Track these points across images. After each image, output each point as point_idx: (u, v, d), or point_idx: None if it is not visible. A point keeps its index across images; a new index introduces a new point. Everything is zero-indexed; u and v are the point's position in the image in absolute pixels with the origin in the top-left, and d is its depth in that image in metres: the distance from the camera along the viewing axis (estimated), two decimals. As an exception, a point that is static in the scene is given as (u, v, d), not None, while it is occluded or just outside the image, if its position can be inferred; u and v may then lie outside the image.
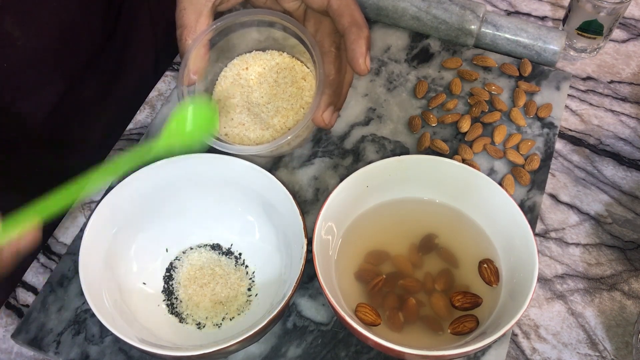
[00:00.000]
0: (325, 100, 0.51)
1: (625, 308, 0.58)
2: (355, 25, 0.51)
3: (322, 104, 0.51)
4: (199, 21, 0.52)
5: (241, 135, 0.56)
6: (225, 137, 0.56)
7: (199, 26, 0.52)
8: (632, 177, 0.67)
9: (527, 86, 0.71)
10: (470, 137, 0.67)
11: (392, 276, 0.55)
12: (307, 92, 0.57)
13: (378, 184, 0.57)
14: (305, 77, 0.57)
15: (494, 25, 0.73)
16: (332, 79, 0.52)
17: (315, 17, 0.55)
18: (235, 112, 0.57)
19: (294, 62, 0.58)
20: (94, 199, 0.65)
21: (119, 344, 0.55)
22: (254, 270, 0.58)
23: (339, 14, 0.51)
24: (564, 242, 0.62)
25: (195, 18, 0.52)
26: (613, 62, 0.76)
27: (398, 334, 0.52)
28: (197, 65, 0.53)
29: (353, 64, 0.51)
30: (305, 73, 0.57)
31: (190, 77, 0.53)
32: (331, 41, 0.53)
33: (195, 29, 0.52)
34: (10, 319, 0.58)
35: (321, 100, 0.51)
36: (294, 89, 0.56)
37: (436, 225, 0.57)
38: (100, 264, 0.53)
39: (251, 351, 0.55)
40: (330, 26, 0.53)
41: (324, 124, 0.52)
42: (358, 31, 0.50)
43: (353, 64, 0.51)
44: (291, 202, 0.53)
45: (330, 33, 0.53)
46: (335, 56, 0.53)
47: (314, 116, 0.52)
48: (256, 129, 0.56)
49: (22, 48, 0.59)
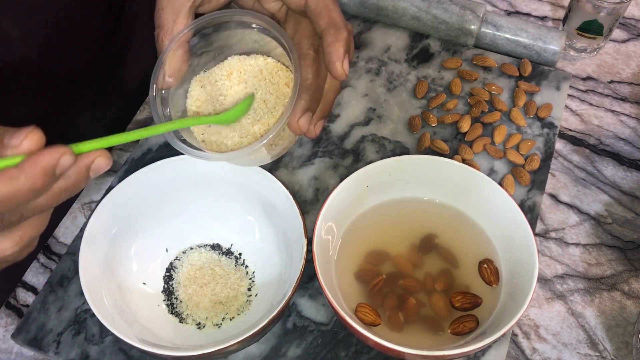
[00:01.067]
0: (302, 105, 0.48)
1: (625, 308, 0.58)
2: (334, 26, 0.47)
3: (297, 110, 0.47)
4: (177, 21, 0.50)
5: (218, 143, 0.52)
6: (203, 144, 0.53)
7: (177, 27, 0.50)
8: (632, 177, 0.67)
9: (527, 86, 0.71)
10: (470, 137, 0.67)
11: (392, 276, 0.55)
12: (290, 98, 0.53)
13: (378, 184, 0.57)
14: (289, 83, 0.53)
15: (494, 25, 0.73)
16: (309, 83, 0.48)
17: (295, 18, 0.52)
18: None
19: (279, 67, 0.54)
20: (93, 199, 0.65)
21: (119, 344, 0.55)
22: (254, 270, 0.58)
23: (317, 15, 0.48)
24: (564, 242, 0.62)
25: (172, 18, 0.50)
26: (613, 62, 0.76)
27: (398, 334, 0.52)
28: (173, 67, 0.50)
29: (330, 67, 0.47)
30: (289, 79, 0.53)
31: (165, 79, 0.51)
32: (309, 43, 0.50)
33: (172, 29, 0.50)
34: (10, 319, 0.58)
35: (297, 105, 0.48)
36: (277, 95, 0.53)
37: (436, 225, 0.57)
38: (100, 264, 0.53)
39: (251, 351, 0.55)
40: (309, 28, 0.51)
41: (301, 131, 0.48)
42: (336, 33, 0.47)
43: (330, 67, 0.47)
44: (291, 202, 0.53)
45: (309, 35, 0.50)
46: (313, 59, 0.49)
47: (289, 122, 0.48)
48: (234, 136, 0.52)
49: (21, 48, 0.59)
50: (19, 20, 0.57)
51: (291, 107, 0.48)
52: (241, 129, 0.52)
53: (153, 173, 0.56)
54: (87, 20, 0.66)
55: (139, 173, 0.55)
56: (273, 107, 0.52)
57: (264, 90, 0.53)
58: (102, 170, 0.40)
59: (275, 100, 0.52)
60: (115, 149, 0.68)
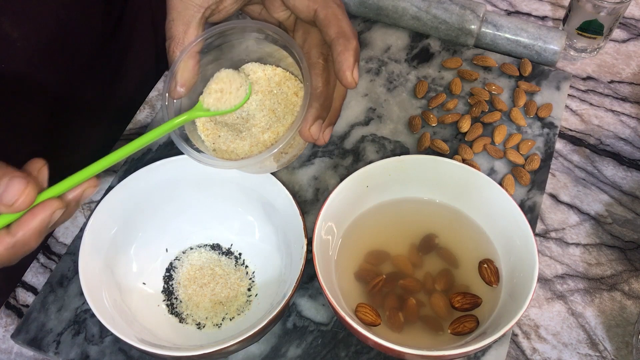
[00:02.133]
0: (313, 114, 0.49)
1: (626, 308, 0.58)
2: (343, 36, 0.48)
3: (309, 118, 0.49)
4: (188, 32, 0.51)
5: (229, 151, 0.53)
6: (214, 153, 0.54)
7: (187, 37, 0.51)
8: (632, 177, 0.67)
9: (527, 86, 0.71)
10: (470, 137, 0.67)
11: (392, 276, 0.55)
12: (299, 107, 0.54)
13: (378, 184, 0.57)
14: (298, 92, 0.54)
15: (494, 25, 0.73)
16: (319, 91, 0.50)
17: (304, 27, 0.53)
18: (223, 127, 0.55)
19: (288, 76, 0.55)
20: (93, 199, 0.65)
21: (118, 344, 0.55)
22: (254, 270, 0.58)
23: (326, 25, 0.49)
24: (564, 242, 0.62)
25: (183, 29, 0.51)
26: (613, 62, 0.76)
27: (398, 334, 0.52)
28: (184, 77, 0.51)
29: (340, 76, 0.49)
30: (297, 88, 0.54)
31: (177, 90, 0.51)
32: (319, 53, 0.51)
33: (183, 40, 0.51)
34: (10, 319, 0.58)
35: (308, 113, 0.49)
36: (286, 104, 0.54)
37: (436, 225, 0.57)
38: (100, 264, 0.53)
39: (251, 351, 0.55)
40: (318, 37, 0.52)
41: (312, 138, 0.49)
42: (345, 42, 0.48)
43: (340, 76, 0.49)
44: (291, 202, 0.53)
45: (318, 44, 0.51)
46: (323, 68, 0.50)
47: (301, 130, 0.49)
48: (245, 145, 0.53)
49: (21, 49, 0.59)
50: (19, 21, 0.57)
51: (302, 115, 0.49)
52: (251, 138, 0.53)
53: (153, 173, 0.56)
54: (87, 21, 0.66)
55: (139, 173, 0.55)
56: (282, 116, 0.53)
57: (273, 100, 0.54)
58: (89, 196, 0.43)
59: (283, 109, 0.53)
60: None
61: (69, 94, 0.67)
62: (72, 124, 0.69)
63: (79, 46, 0.66)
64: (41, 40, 0.60)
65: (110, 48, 0.71)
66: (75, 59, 0.66)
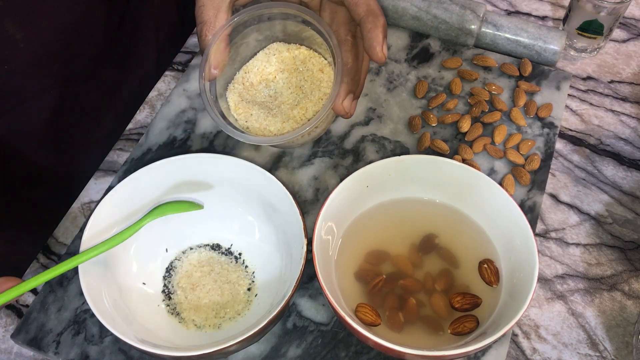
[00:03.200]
0: (345, 89, 0.52)
1: (626, 308, 0.58)
2: (372, 14, 0.51)
3: (341, 92, 0.52)
4: (218, 16, 0.54)
5: (262, 129, 0.57)
6: (247, 131, 0.57)
7: (218, 21, 0.54)
8: (633, 177, 0.67)
9: (528, 86, 0.71)
10: (470, 137, 0.67)
11: (392, 276, 0.54)
12: (324, 83, 0.58)
13: (378, 184, 0.57)
14: (323, 68, 0.58)
15: (494, 25, 0.73)
16: (349, 67, 0.53)
17: (330, 7, 0.56)
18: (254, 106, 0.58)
19: (312, 54, 0.59)
20: (93, 199, 0.65)
21: (118, 344, 0.55)
22: (254, 270, 0.58)
23: (355, 3, 0.52)
24: (564, 242, 0.62)
25: (214, 14, 0.54)
26: (613, 62, 0.76)
27: (398, 334, 0.52)
28: (217, 59, 0.54)
29: (371, 52, 0.52)
30: (322, 65, 0.58)
31: (211, 71, 0.54)
32: (347, 30, 0.54)
33: (214, 24, 0.54)
34: (10, 319, 0.58)
35: (340, 88, 0.52)
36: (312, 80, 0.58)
37: (436, 225, 0.57)
38: (100, 264, 0.53)
39: (251, 351, 0.55)
40: (345, 15, 0.54)
41: (344, 112, 0.53)
42: (374, 20, 0.51)
43: (371, 52, 0.52)
44: (291, 202, 0.53)
45: (346, 22, 0.54)
46: (351, 45, 0.54)
47: (335, 104, 0.52)
48: (277, 121, 0.56)
49: (24, 50, 0.59)
50: (22, 22, 0.58)
51: (336, 90, 0.52)
52: (282, 114, 0.57)
53: (153, 173, 0.56)
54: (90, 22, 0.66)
55: (139, 173, 0.55)
56: (309, 92, 0.57)
57: (299, 77, 0.58)
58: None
59: (310, 86, 0.58)
60: (115, 149, 0.68)
61: (72, 95, 0.67)
62: (75, 124, 0.69)
63: (82, 47, 0.66)
64: (44, 42, 0.60)
65: (113, 49, 0.71)
66: (78, 60, 0.66)
